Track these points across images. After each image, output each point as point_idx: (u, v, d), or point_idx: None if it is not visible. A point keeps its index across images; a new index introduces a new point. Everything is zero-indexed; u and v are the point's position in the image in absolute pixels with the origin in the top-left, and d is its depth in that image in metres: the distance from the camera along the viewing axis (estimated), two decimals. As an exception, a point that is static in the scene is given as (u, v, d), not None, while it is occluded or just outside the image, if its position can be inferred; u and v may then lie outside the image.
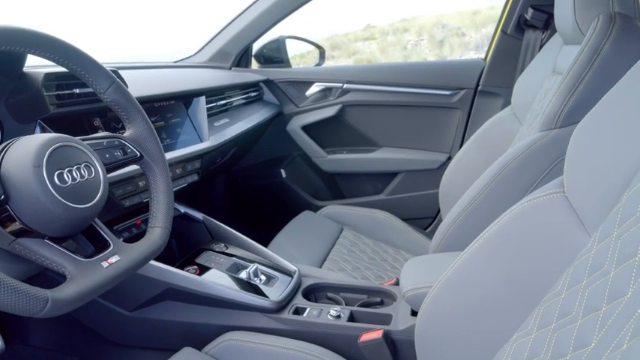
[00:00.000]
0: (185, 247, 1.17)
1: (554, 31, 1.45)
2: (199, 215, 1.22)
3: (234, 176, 1.89)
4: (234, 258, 1.13)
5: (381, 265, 1.39)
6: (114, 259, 0.63)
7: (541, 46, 1.48)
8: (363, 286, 1.10)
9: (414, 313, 0.95)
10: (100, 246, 0.64)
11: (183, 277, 0.98)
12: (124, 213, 1.01)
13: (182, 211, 1.20)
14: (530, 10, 1.48)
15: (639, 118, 0.57)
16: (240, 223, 1.85)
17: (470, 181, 1.42)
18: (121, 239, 0.76)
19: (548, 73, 1.21)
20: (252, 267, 1.07)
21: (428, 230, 1.82)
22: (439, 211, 1.78)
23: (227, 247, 1.17)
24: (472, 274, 0.74)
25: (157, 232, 0.72)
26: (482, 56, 1.72)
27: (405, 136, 1.80)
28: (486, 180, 1.00)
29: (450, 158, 1.73)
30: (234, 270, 1.08)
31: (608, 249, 0.55)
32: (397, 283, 1.13)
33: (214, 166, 1.43)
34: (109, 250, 0.64)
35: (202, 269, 1.06)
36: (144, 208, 1.02)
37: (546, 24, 1.47)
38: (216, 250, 1.15)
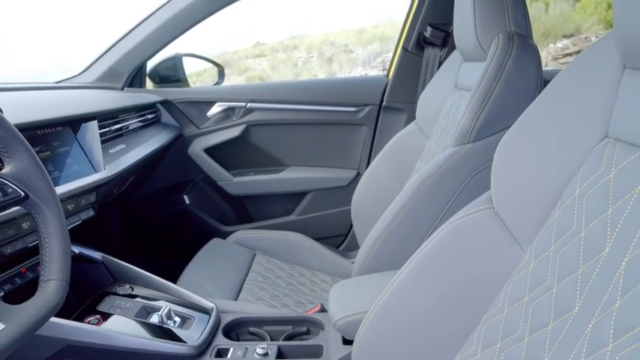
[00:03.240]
0: (83, 293, 1.02)
1: (451, 48, 1.53)
2: (97, 255, 1.08)
3: (132, 206, 1.73)
4: (142, 300, 1.01)
5: (299, 290, 1.34)
6: (-3, 327, 0.51)
7: (440, 63, 1.55)
8: (287, 317, 1.04)
9: (346, 342, 0.91)
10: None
11: (83, 330, 0.85)
12: (3, 261, 0.86)
13: (77, 251, 1.05)
14: (429, 29, 1.55)
15: (558, 135, 0.59)
16: (145, 258, 1.69)
17: (382, 196, 1.44)
18: (1, 294, 0.62)
19: (450, 88, 1.26)
20: (164, 309, 0.96)
21: (341, 248, 1.81)
22: (351, 227, 1.79)
23: (133, 289, 1.05)
24: (408, 297, 0.72)
25: (52, 286, 0.60)
26: (370, 72, 1.78)
27: (313, 155, 1.79)
28: (405, 197, 1.00)
29: (358, 174, 1.75)
30: (143, 314, 0.96)
31: (548, 264, 0.55)
32: (322, 310, 1.09)
33: (111, 198, 1.29)
34: (-11, 316, 0.51)
35: (106, 318, 0.93)
36: (30, 252, 0.87)
37: (444, 42, 1.55)
38: (121, 293, 1.02)
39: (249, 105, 1.70)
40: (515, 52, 0.92)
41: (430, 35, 1.54)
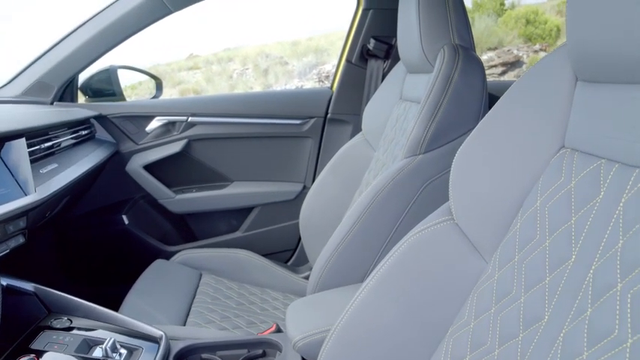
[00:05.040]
0: (14, 330, 0.92)
1: (394, 60, 1.56)
2: (28, 285, 0.98)
3: (66, 230, 1.60)
4: (82, 333, 0.93)
5: (250, 310, 1.30)
6: None
7: (384, 75, 1.57)
8: (241, 340, 1.00)
9: (306, 362, 0.88)
10: None
11: (15, 372, 0.76)
12: None
13: (4, 284, 0.95)
14: (372, 41, 1.57)
15: (515, 145, 0.60)
16: (82, 286, 1.58)
17: (330, 209, 1.43)
18: None
19: (395, 100, 1.28)
20: (107, 341, 0.89)
21: (289, 263, 1.78)
22: (299, 241, 1.76)
23: (71, 321, 0.96)
24: (372, 313, 0.70)
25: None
26: (306, 83, 1.78)
27: (258, 169, 1.75)
28: (358, 211, 1.00)
29: (305, 187, 1.73)
30: (84, 349, 0.89)
31: (513, 274, 0.55)
32: (278, 330, 1.06)
33: (42, 222, 1.19)
34: None
35: (41, 356, 0.85)
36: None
37: (387, 54, 1.57)
38: (58, 326, 0.94)
39: (190, 119, 1.64)
40: (462, 64, 0.94)
41: (373, 47, 1.56)
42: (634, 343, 0.37)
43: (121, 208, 1.66)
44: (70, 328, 0.94)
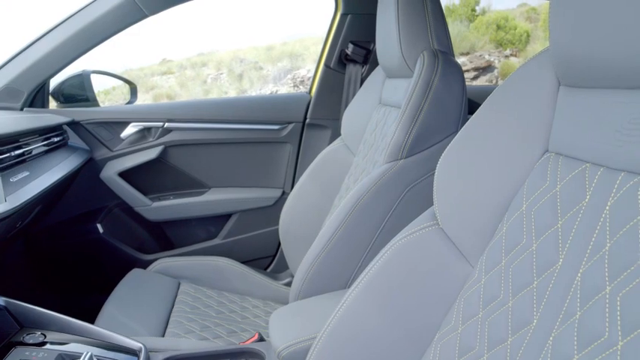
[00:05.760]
0: (-17, 347, 0.89)
1: (372, 65, 1.56)
2: (-1, 300, 0.95)
3: (38, 240, 1.55)
4: (57, 348, 0.89)
5: (230, 318, 1.28)
6: None
7: (362, 80, 1.58)
8: (223, 350, 0.98)
9: (291, 371, 0.87)
10: None
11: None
12: None
13: (-27, 298, 0.91)
14: (351, 46, 1.57)
15: (499, 150, 0.60)
16: (56, 298, 1.53)
17: (310, 214, 1.42)
18: None
19: (374, 104, 1.28)
20: (84, 355, 0.85)
21: (269, 270, 1.76)
22: (278, 248, 1.75)
23: (45, 336, 0.92)
24: (359, 320, 0.69)
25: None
26: (281, 88, 1.78)
27: (236, 175, 1.73)
28: (341, 217, 0.99)
29: (284, 193, 1.72)
30: (60, 364, 0.85)
31: (500, 278, 0.56)
32: (260, 339, 1.04)
33: (13, 232, 1.14)
34: None
35: (14, 373, 0.81)
36: None
37: (365, 59, 1.58)
38: (30, 342, 0.90)
39: (166, 125, 1.61)
40: (441, 69, 0.95)
41: (352, 52, 1.57)
42: (625, 345, 0.38)
43: (96, 216, 1.61)
44: (43, 343, 0.90)
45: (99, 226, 1.59)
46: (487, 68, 7.55)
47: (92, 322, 1.03)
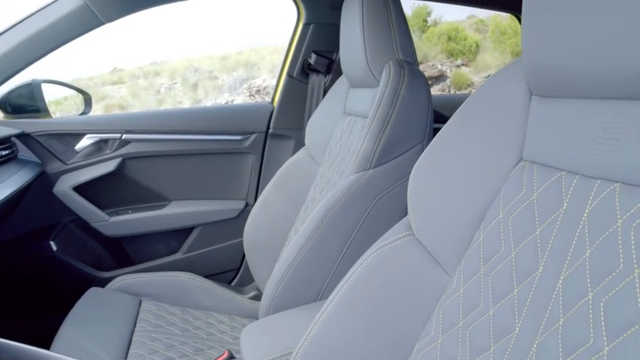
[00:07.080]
0: None
1: (335, 75, 1.56)
2: (-56, 327, 0.87)
3: None
4: (11, 377, 0.83)
5: (196, 336, 1.24)
6: None
7: (325, 90, 1.58)
8: (192, 369, 0.94)
9: (265, 389, 0.84)
10: None
11: None
12: None
13: None
14: (314, 56, 1.57)
15: (472, 159, 0.61)
16: (7, 322, 1.43)
17: (276, 226, 1.40)
18: None
19: (339, 114, 1.28)
20: (42, 383, 0.80)
21: (233, 284, 1.72)
22: (242, 260, 1.71)
23: (-3, 364, 0.86)
24: (336, 333, 0.68)
25: None
26: (237, 98, 1.76)
27: (198, 187, 1.69)
28: (310, 228, 0.98)
29: (247, 205, 1.69)
30: (15, 395, 0.79)
31: (479, 287, 0.56)
32: (230, 357, 1.01)
33: (-42, 254, 1.07)
34: None
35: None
36: None
37: (328, 68, 1.58)
38: (-19, 372, 0.83)
39: (124, 136, 1.55)
40: (407, 79, 0.96)
41: (315, 62, 1.57)
42: (611, 350, 0.38)
43: (49, 233, 1.53)
44: (-4, 373, 0.84)
45: (52, 243, 1.51)
46: (440, 77, 7.76)
47: (48, 347, 0.97)
